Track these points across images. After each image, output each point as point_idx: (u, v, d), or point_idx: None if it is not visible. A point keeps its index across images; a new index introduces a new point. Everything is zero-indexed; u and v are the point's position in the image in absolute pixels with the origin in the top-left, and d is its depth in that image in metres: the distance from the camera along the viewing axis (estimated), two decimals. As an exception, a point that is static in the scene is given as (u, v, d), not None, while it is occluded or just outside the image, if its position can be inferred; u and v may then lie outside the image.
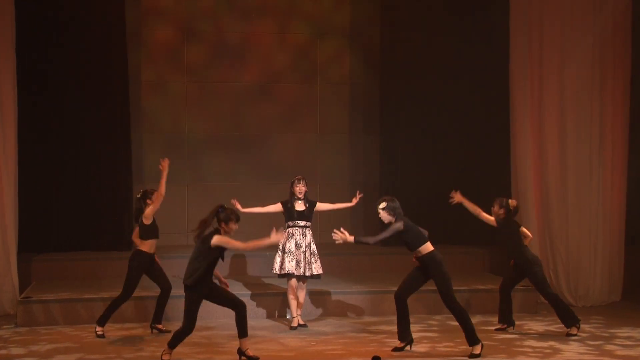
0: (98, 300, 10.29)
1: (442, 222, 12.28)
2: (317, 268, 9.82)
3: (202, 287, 8.07)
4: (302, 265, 9.73)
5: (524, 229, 9.78)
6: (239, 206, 9.67)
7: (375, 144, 13.66)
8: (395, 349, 8.65)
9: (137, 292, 10.49)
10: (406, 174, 13.15)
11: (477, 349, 8.41)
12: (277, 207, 9.98)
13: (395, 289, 10.82)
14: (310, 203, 9.95)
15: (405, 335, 8.68)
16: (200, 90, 13.76)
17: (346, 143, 14.11)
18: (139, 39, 13.45)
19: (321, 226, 12.62)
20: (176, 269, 11.72)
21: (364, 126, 14.04)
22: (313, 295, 10.54)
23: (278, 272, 9.84)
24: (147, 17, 13.56)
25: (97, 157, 12.55)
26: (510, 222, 9.62)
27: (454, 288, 8.96)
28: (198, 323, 8.22)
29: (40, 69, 12.30)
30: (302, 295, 9.92)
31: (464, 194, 9.80)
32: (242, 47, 13.79)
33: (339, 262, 12.14)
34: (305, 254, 9.74)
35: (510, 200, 9.71)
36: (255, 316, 10.45)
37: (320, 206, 10.04)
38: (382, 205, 8.60)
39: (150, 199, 9.48)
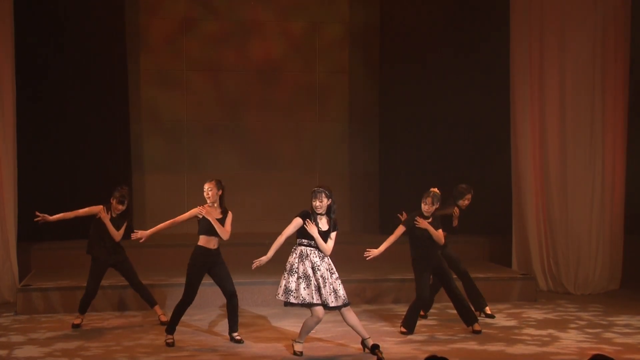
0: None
1: (441, 211, 12.27)
2: (343, 296, 8.02)
3: None
4: (324, 292, 7.89)
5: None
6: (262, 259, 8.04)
7: (375, 133, 13.65)
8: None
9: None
10: (406, 163, 13.15)
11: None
12: (297, 223, 8.01)
13: (393, 277, 10.92)
14: (330, 222, 8.10)
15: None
16: (199, 79, 13.74)
17: (346, 132, 14.10)
18: (138, 27, 13.43)
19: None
20: (176, 257, 11.75)
21: (363, 115, 14.02)
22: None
23: (284, 298, 7.93)
24: (146, 6, 13.54)
25: (96, 146, 12.55)
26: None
27: (454, 277, 9.30)
28: (194, 311, 8.21)
29: (38, 59, 12.29)
30: (354, 318, 8.13)
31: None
32: (242, 35, 13.77)
33: (338, 251, 12.01)
34: (325, 279, 7.94)
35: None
36: (254, 304, 10.48)
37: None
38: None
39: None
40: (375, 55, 13.66)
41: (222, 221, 8.49)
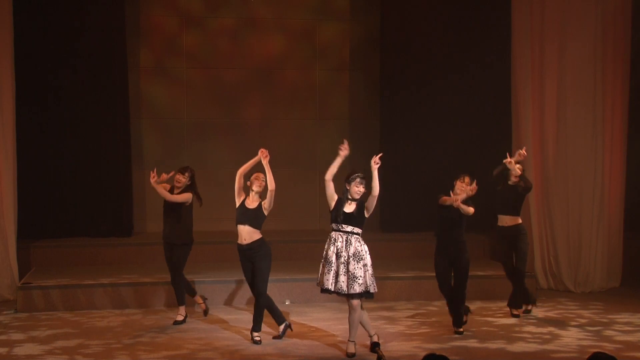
0: (97, 286, 10.30)
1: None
2: (363, 284, 7.87)
3: None
4: (341, 279, 7.88)
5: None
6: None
7: (376, 130, 13.62)
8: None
9: (137, 279, 10.55)
10: (406, 160, 13.13)
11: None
12: (333, 195, 8.15)
13: (394, 275, 10.91)
14: (360, 204, 8.11)
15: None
16: (199, 76, 13.71)
17: (346, 129, 14.06)
18: (138, 24, 13.39)
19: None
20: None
21: (363, 112, 13.99)
22: (313, 281, 10.51)
23: (318, 284, 8.17)
24: (147, 2, 13.51)
25: (96, 142, 12.54)
26: None
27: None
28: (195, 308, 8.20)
29: (38, 55, 12.27)
30: (355, 317, 7.99)
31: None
32: (241, 32, 13.74)
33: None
34: (347, 266, 7.88)
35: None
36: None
37: (368, 204, 8.16)
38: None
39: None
40: (375, 53, 13.64)
41: (257, 207, 8.82)
